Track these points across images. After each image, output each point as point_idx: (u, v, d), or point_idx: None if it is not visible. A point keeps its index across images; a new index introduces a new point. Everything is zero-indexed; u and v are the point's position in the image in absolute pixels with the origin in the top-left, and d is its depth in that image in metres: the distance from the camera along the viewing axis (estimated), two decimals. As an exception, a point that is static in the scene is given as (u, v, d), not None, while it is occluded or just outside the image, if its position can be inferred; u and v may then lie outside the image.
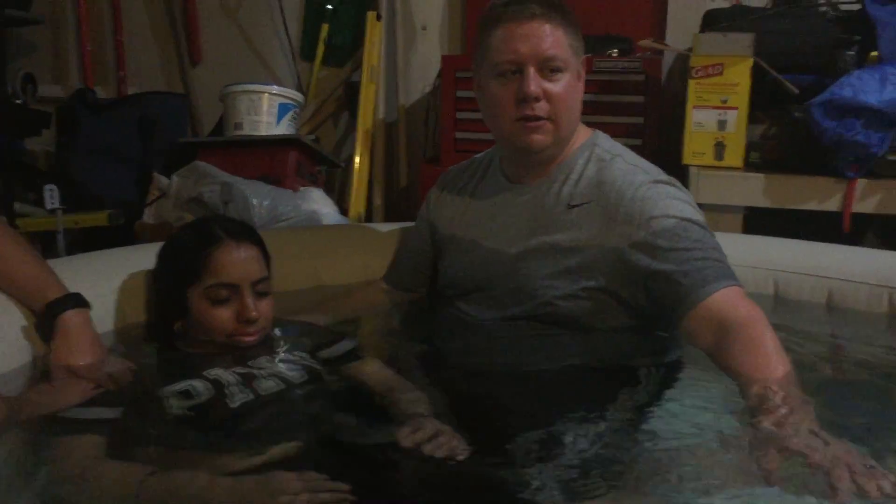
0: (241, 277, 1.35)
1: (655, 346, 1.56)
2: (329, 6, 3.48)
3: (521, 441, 1.21)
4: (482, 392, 1.47)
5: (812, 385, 1.47)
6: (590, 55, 2.73)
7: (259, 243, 1.42)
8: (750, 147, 2.43)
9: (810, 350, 1.67)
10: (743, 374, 1.27)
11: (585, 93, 1.60)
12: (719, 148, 2.38)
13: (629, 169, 1.54)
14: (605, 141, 1.62)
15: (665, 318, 1.48)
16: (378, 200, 3.32)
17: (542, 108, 1.49)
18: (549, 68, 1.48)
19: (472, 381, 1.52)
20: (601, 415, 1.29)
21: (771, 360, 1.27)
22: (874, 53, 2.33)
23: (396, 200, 3.44)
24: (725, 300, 1.38)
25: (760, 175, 2.34)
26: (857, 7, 2.49)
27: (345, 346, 1.47)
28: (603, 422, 1.28)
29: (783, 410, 1.15)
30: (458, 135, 2.89)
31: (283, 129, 3.09)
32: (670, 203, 1.48)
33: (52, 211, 2.78)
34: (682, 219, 1.46)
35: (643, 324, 1.56)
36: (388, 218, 3.29)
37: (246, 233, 1.41)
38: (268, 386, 1.29)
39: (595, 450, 1.19)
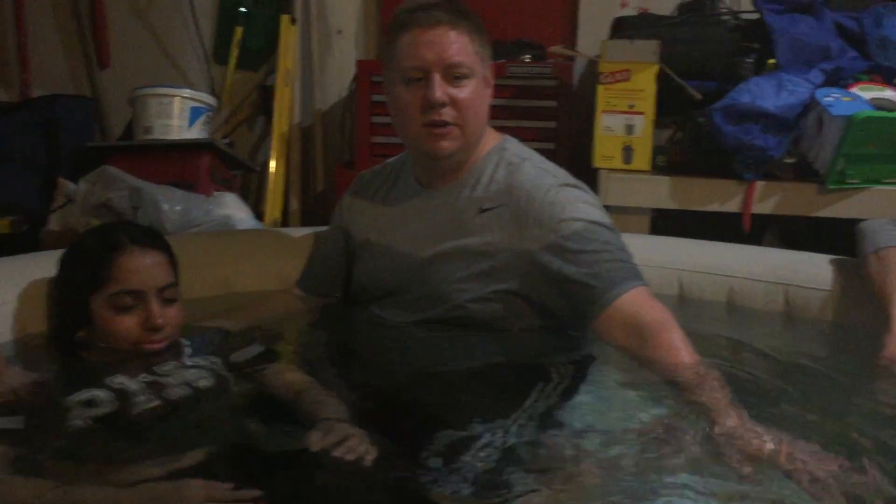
0: (146, 284, 1.33)
1: (566, 344, 1.59)
2: (243, 9, 3.43)
3: (434, 442, 1.22)
4: (396, 395, 1.48)
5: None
6: (503, 61, 2.77)
7: (165, 249, 1.40)
8: (657, 151, 2.50)
9: (710, 347, 1.74)
10: (664, 372, 1.35)
11: (499, 97, 1.63)
12: (627, 152, 2.44)
13: (538, 173, 1.58)
14: (513, 145, 1.65)
15: (576, 318, 1.52)
16: (295, 205, 3.29)
17: (448, 113, 1.51)
18: (454, 74, 1.50)
19: (387, 384, 1.53)
20: (514, 414, 1.32)
21: (686, 359, 1.34)
22: (771, 61, 2.43)
23: (313, 205, 3.41)
24: (635, 300, 1.43)
25: (666, 178, 2.41)
26: (755, 16, 2.59)
27: (255, 350, 1.46)
28: (516, 421, 1.30)
29: (724, 410, 1.21)
30: (374, 139, 2.89)
31: (196, 133, 3.04)
32: (578, 206, 1.52)
33: (-50, 218, 2.67)
34: (590, 221, 1.50)
35: (554, 324, 1.60)
36: (304, 222, 3.26)
37: (151, 238, 1.39)
38: (175, 393, 1.27)
39: (508, 449, 1.21)
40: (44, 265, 1.54)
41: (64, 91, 3.53)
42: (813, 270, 1.83)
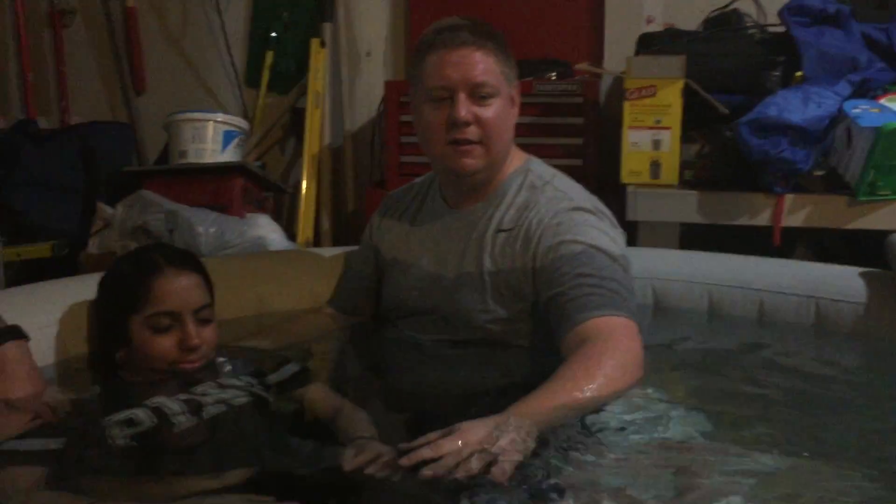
0: (182, 305, 1.36)
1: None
2: (273, 34, 3.50)
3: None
4: (425, 413, 1.48)
5: (748, 397, 1.53)
6: (529, 79, 2.80)
7: (200, 270, 1.43)
8: (684, 165, 2.50)
9: (744, 361, 1.74)
10: (550, 379, 1.24)
11: (526, 115, 1.64)
12: (655, 167, 2.44)
13: (556, 195, 1.58)
14: (538, 166, 1.67)
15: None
16: (326, 225, 3.33)
17: (472, 132, 1.53)
18: (479, 94, 1.52)
19: (416, 403, 1.55)
20: (545, 433, 1.32)
21: (589, 377, 1.24)
22: (798, 73, 2.42)
23: (345, 224, 3.45)
24: (601, 325, 1.36)
25: (694, 192, 2.40)
26: (782, 29, 2.59)
27: (290, 369, 1.48)
28: (546, 439, 1.31)
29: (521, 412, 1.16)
30: (403, 158, 2.92)
31: (229, 156, 3.10)
32: (583, 230, 1.51)
33: (-7, 244, 2.74)
34: (591, 246, 1.48)
35: None
36: (336, 242, 3.30)
37: (187, 260, 1.42)
38: (213, 412, 1.30)
39: (539, 468, 1.21)
40: (83, 288, 1.59)
41: (101, 117, 3.63)
42: (844, 283, 1.82)
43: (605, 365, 1.28)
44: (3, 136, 3.35)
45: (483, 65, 1.53)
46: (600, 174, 2.74)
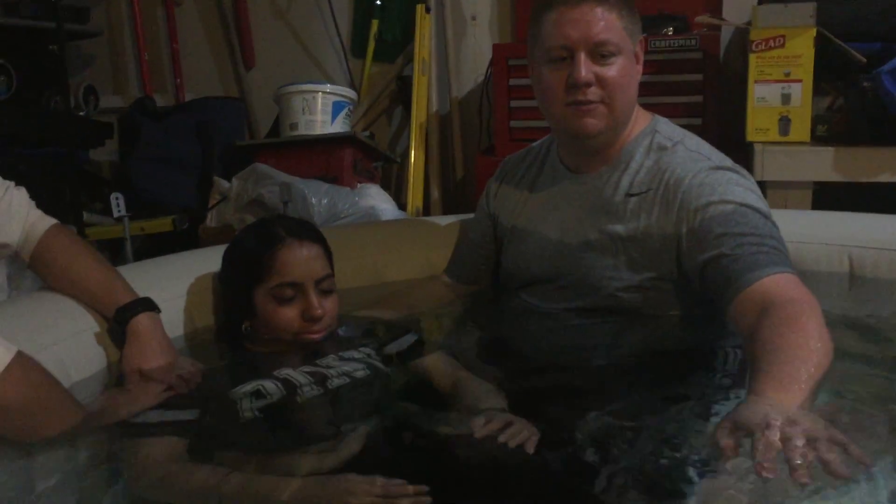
0: (305, 275, 1.36)
1: (725, 331, 1.51)
2: (378, 2, 3.48)
3: (589, 434, 1.19)
4: (548, 383, 1.45)
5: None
6: (645, 35, 2.67)
7: (321, 241, 1.43)
8: (816, 120, 2.35)
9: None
10: (772, 348, 1.15)
11: (642, 73, 1.56)
12: (784, 123, 2.31)
13: (690, 156, 1.50)
14: (665, 127, 1.58)
15: (714, 305, 1.40)
16: (435, 193, 3.31)
17: (594, 93, 1.45)
18: (600, 53, 1.44)
19: (538, 372, 1.51)
20: (674, 406, 1.26)
21: (809, 339, 1.15)
22: (946, 15, 2.23)
23: (454, 192, 3.42)
24: (775, 284, 1.29)
25: (829, 148, 2.26)
26: (924, -33, 2.38)
27: (409, 339, 1.47)
28: (677, 413, 1.24)
29: (782, 384, 1.07)
30: (513, 123, 2.86)
31: (338, 127, 3.11)
32: (730, 189, 1.43)
33: (119, 219, 2.84)
34: (741, 204, 1.41)
35: (710, 310, 1.51)
36: (445, 210, 3.28)
37: (308, 231, 1.42)
38: (338, 384, 1.30)
39: (668, 445, 1.15)
40: (208, 261, 1.62)
41: (214, 93, 3.70)
42: None
43: (811, 326, 1.18)
44: (123, 114, 3.47)
45: (604, 22, 1.44)
46: (722, 133, 2.60)
